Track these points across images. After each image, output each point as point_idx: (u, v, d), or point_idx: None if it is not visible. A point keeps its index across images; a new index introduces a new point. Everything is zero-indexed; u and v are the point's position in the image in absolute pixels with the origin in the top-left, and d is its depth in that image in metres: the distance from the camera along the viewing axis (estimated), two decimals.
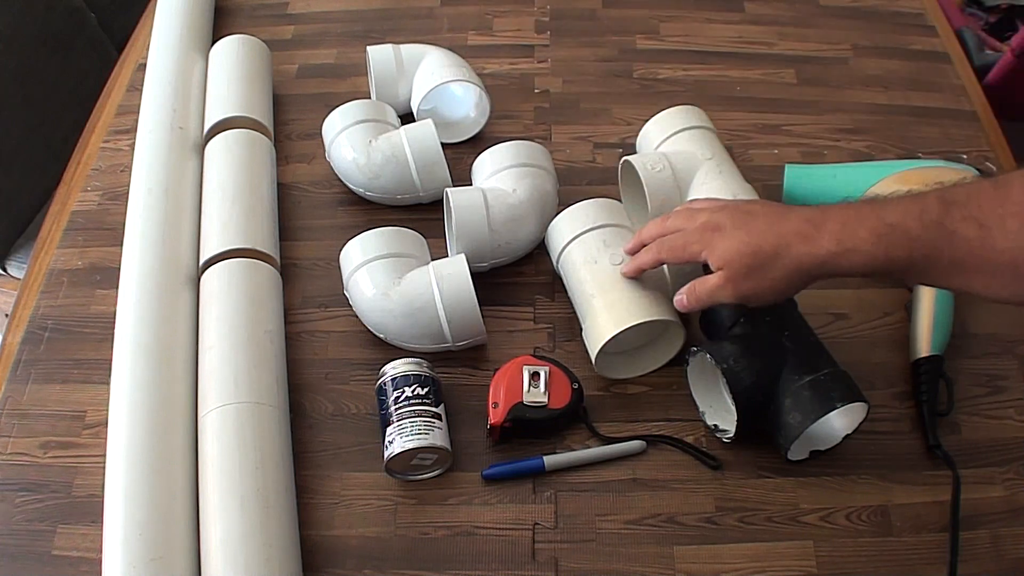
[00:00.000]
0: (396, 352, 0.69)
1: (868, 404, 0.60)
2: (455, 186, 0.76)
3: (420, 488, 0.63)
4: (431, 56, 0.85)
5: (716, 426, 0.65)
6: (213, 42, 0.91)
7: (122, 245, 0.73)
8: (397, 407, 0.62)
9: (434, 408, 0.63)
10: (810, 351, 0.62)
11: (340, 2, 1.02)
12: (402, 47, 0.86)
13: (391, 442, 0.61)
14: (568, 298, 0.71)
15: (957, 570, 0.58)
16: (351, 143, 0.77)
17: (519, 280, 0.75)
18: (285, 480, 0.60)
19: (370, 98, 0.86)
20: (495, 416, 0.63)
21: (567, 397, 0.64)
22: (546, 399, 0.64)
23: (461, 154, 0.83)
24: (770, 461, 0.63)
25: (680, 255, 0.60)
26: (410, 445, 0.60)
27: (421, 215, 0.78)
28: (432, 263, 0.68)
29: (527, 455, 0.64)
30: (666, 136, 0.76)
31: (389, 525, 0.62)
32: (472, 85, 0.83)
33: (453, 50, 0.87)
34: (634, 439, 0.65)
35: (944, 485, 0.62)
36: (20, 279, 1.01)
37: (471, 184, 0.77)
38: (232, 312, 0.66)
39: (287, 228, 0.79)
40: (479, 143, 0.83)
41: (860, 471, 0.63)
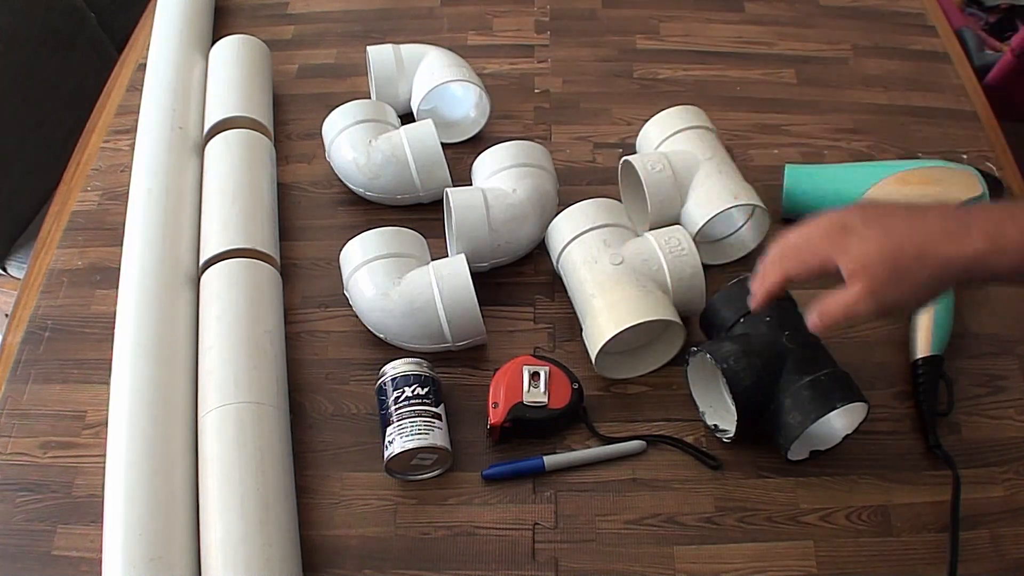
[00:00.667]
0: (396, 352, 0.69)
1: (868, 404, 0.60)
2: (455, 186, 0.76)
3: (420, 488, 0.63)
4: (431, 56, 0.85)
5: (716, 426, 0.65)
6: (213, 42, 0.91)
7: (122, 245, 0.73)
8: (397, 407, 0.62)
9: (434, 408, 0.63)
10: (810, 351, 0.62)
11: (340, 2, 1.02)
12: (402, 47, 0.86)
13: (391, 442, 0.61)
14: (568, 298, 0.71)
15: (957, 570, 0.58)
16: (351, 143, 0.77)
17: (519, 280, 0.75)
18: (285, 480, 0.60)
19: (370, 98, 0.86)
20: (495, 416, 0.63)
21: (567, 397, 0.64)
22: (546, 399, 0.64)
23: (461, 154, 0.83)
24: (770, 461, 0.63)
25: (806, 262, 0.52)
26: (410, 445, 0.60)
27: (421, 215, 0.78)
28: (432, 263, 0.68)
29: (527, 455, 0.64)
30: (666, 136, 0.76)
31: (389, 525, 0.62)
32: (472, 85, 0.83)
33: (453, 50, 0.87)
34: (634, 439, 0.65)
35: (944, 485, 0.62)
36: (20, 279, 1.01)
37: (471, 184, 0.77)
38: (232, 312, 0.66)
39: (287, 228, 0.79)
40: (479, 143, 0.83)
41: (860, 471, 0.63)
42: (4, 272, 1.18)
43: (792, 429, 0.59)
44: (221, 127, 0.81)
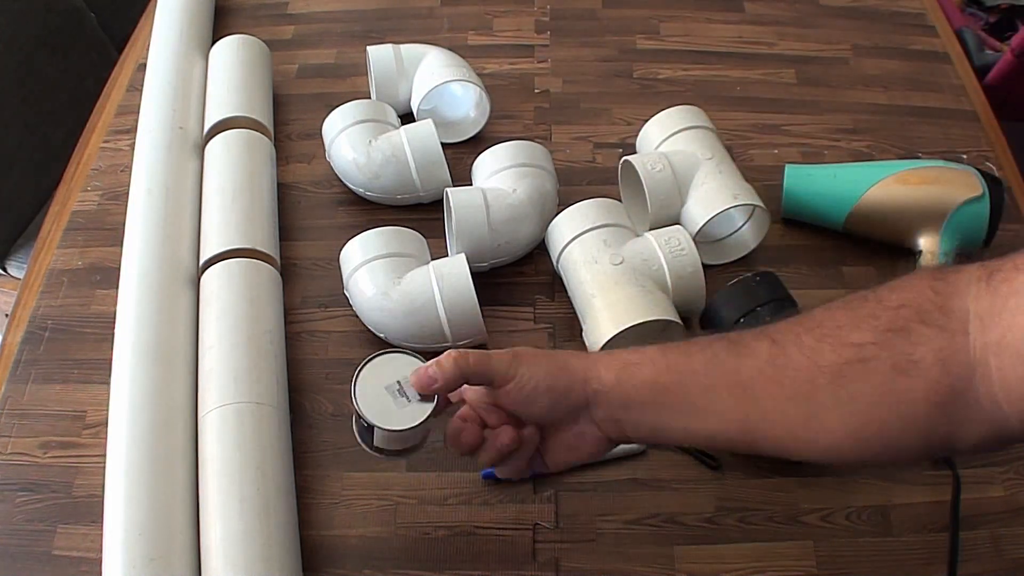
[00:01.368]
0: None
1: None
2: (455, 186, 0.76)
3: (420, 488, 0.63)
4: (431, 56, 0.85)
5: None
6: (213, 42, 0.91)
7: (122, 245, 0.73)
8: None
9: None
10: None
11: (340, 2, 1.02)
12: (402, 47, 0.86)
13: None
14: (568, 298, 0.71)
15: (957, 570, 0.58)
16: (351, 143, 0.77)
17: (519, 280, 0.75)
18: (285, 480, 0.60)
19: (370, 98, 0.86)
20: None
21: None
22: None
23: (461, 154, 0.83)
24: (770, 461, 0.63)
25: (489, 360, 0.50)
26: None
27: (421, 215, 0.78)
28: (432, 263, 0.68)
29: None
30: (666, 136, 0.76)
31: (389, 525, 0.62)
32: (472, 85, 0.83)
33: (453, 50, 0.87)
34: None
35: (944, 485, 0.62)
36: (20, 279, 1.01)
37: (471, 184, 0.77)
38: (232, 312, 0.66)
39: (287, 228, 0.79)
40: (479, 143, 0.83)
41: (860, 471, 0.63)
42: (4, 272, 1.18)
43: None
44: (221, 127, 0.81)
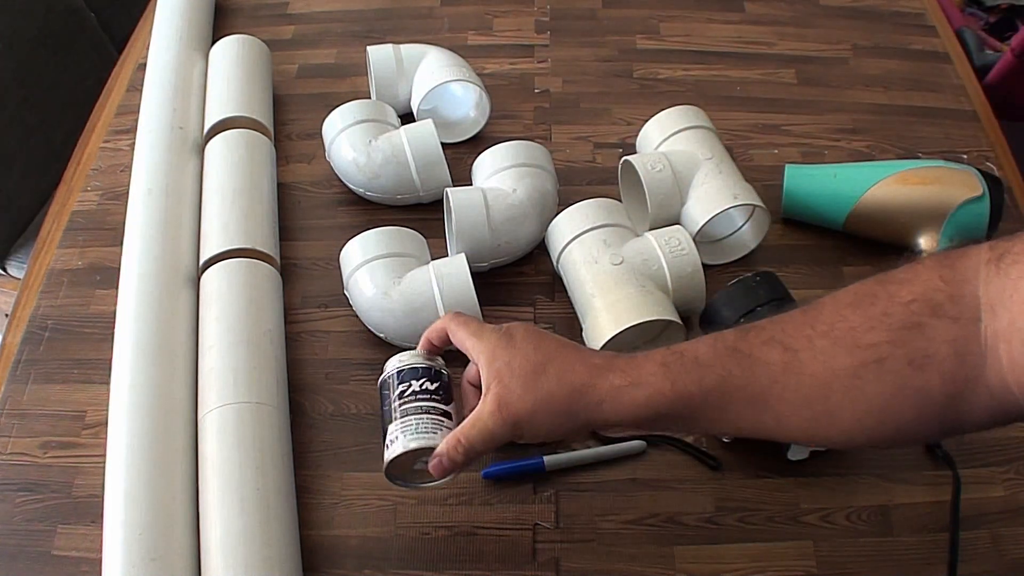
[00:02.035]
0: (396, 352, 0.69)
1: None
2: (455, 186, 0.76)
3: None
4: (431, 56, 0.85)
5: None
6: (213, 42, 0.91)
7: (122, 245, 0.73)
8: (402, 402, 0.54)
9: (444, 406, 0.54)
10: None
11: (340, 2, 1.02)
12: (402, 47, 0.86)
13: (393, 441, 0.53)
14: (568, 298, 0.71)
15: (957, 570, 0.58)
16: (351, 143, 0.77)
17: (519, 280, 0.75)
18: (285, 480, 0.60)
19: (370, 98, 0.86)
20: None
21: None
22: None
23: (461, 154, 0.83)
24: (770, 461, 0.63)
25: (475, 341, 0.52)
26: (413, 445, 0.52)
27: (421, 215, 0.78)
28: (432, 263, 0.68)
29: (527, 455, 0.64)
30: (666, 136, 0.76)
31: (389, 525, 0.62)
32: (472, 85, 0.83)
33: (453, 50, 0.87)
34: (634, 439, 0.65)
35: (944, 485, 0.62)
36: (20, 279, 1.01)
37: (471, 184, 0.77)
38: (232, 312, 0.66)
39: (287, 228, 0.79)
40: (479, 143, 0.83)
41: (860, 471, 0.63)
42: (4, 272, 1.18)
43: None
44: (221, 127, 0.81)
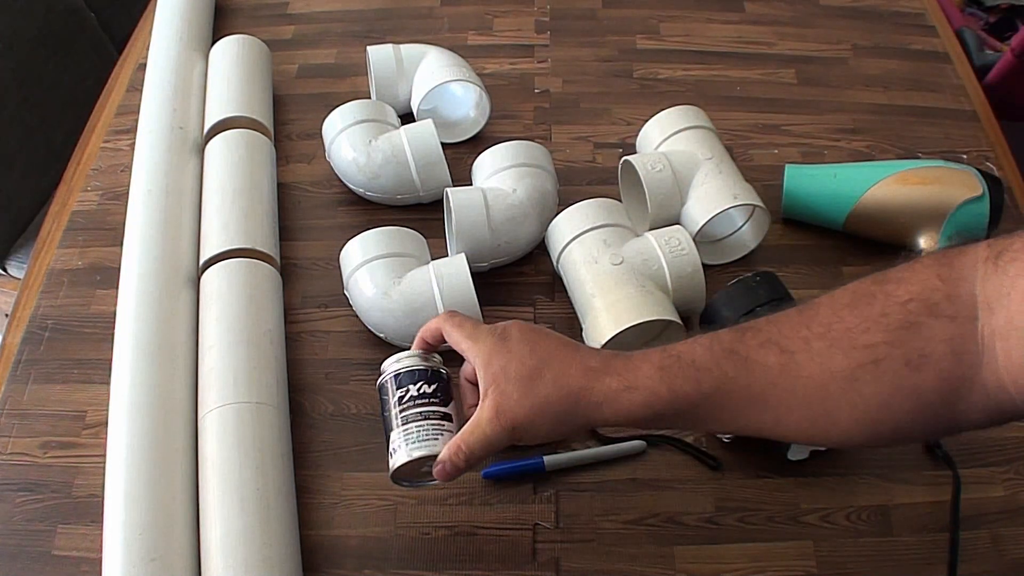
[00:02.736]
0: (396, 352, 0.69)
1: None
2: (455, 186, 0.76)
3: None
4: (431, 56, 0.85)
5: None
6: (213, 42, 0.91)
7: (122, 245, 0.73)
8: (401, 408, 0.54)
9: (443, 408, 0.55)
10: None
11: (340, 2, 1.02)
12: (402, 47, 0.86)
13: (395, 450, 0.54)
14: (568, 298, 0.71)
15: (957, 570, 0.58)
16: (351, 143, 0.77)
17: (519, 280, 0.75)
18: (285, 480, 0.60)
19: (370, 98, 0.86)
20: None
21: None
22: None
23: (461, 154, 0.83)
24: (770, 461, 0.63)
25: (470, 340, 0.52)
26: (417, 454, 0.53)
27: (421, 215, 0.78)
28: (432, 263, 0.68)
29: (527, 455, 0.64)
30: (666, 136, 0.76)
31: (389, 525, 0.62)
32: (472, 85, 0.83)
33: (453, 50, 0.87)
34: (634, 439, 0.65)
35: (944, 485, 0.62)
36: (20, 279, 1.01)
37: (471, 184, 0.77)
38: (232, 312, 0.66)
39: (287, 228, 0.79)
40: (479, 143, 0.83)
41: (860, 471, 0.63)
42: (4, 272, 1.18)
43: None
44: (221, 127, 0.81)
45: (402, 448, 0.54)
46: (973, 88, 0.91)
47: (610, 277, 0.66)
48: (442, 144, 0.77)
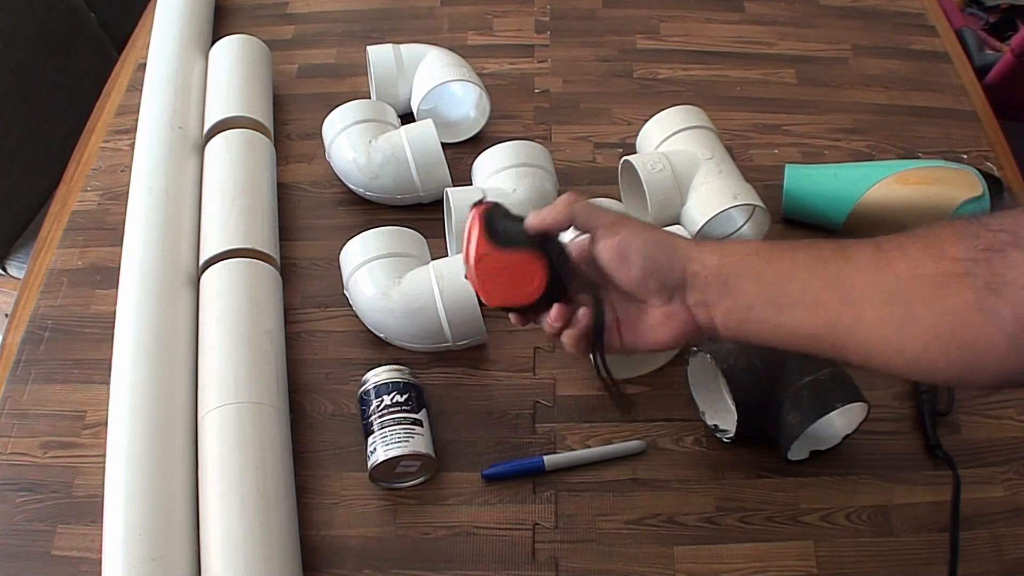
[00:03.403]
0: (396, 352, 0.69)
1: (868, 404, 0.60)
2: (455, 186, 0.76)
3: (420, 488, 0.63)
4: (431, 56, 0.85)
5: (716, 426, 0.65)
6: (213, 42, 0.91)
7: (122, 245, 0.73)
8: (379, 416, 0.62)
9: (414, 415, 0.63)
10: None
11: (340, 2, 1.02)
12: (402, 47, 0.86)
13: (373, 451, 0.61)
14: None
15: (957, 570, 0.58)
16: (351, 143, 0.77)
17: None
18: (285, 480, 0.60)
19: (370, 98, 0.86)
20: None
21: None
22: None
23: (461, 154, 0.83)
24: (770, 461, 0.63)
25: (596, 212, 0.52)
26: (392, 453, 0.60)
27: (421, 215, 0.78)
28: (432, 262, 0.68)
29: (527, 455, 0.64)
30: (666, 136, 0.76)
31: (389, 525, 0.62)
32: (472, 85, 0.83)
33: (453, 50, 0.87)
34: (633, 440, 0.65)
35: (944, 485, 0.62)
36: (20, 279, 1.01)
37: (471, 184, 0.77)
38: (232, 312, 0.66)
39: (287, 228, 0.79)
40: (479, 143, 0.83)
41: (860, 471, 0.63)
42: (4, 272, 1.18)
43: (792, 429, 0.59)
44: (221, 127, 0.81)
45: (379, 450, 0.61)
46: (973, 88, 0.91)
47: None
48: (442, 144, 0.77)
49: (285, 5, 1.02)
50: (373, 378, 0.64)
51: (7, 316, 0.75)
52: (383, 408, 0.62)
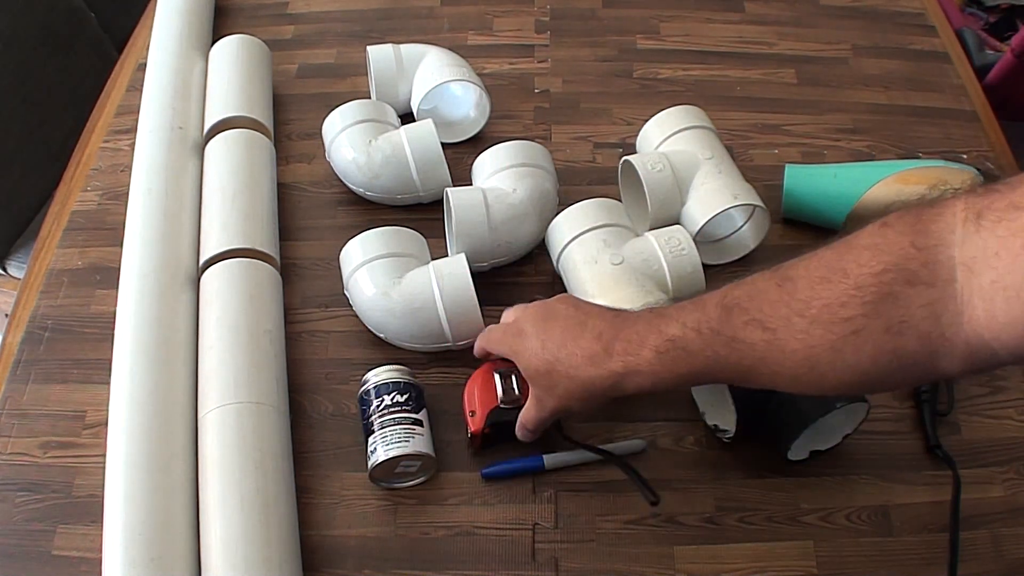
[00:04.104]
0: (396, 352, 0.69)
1: (868, 404, 0.60)
2: (455, 186, 0.76)
3: (420, 488, 0.63)
4: (431, 56, 0.85)
5: (716, 426, 0.65)
6: (213, 42, 0.91)
7: (122, 245, 0.73)
8: (379, 416, 0.62)
9: (414, 415, 0.63)
10: None
11: (340, 2, 1.02)
12: (402, 47, 0.86)
13: (373, 451, 0.61)
14: None
15: (957, 570, 0.58)
16: (351, 143, 0.77)
17: (519, 280, 0.75)
18: (285, 480, 0.60)
19: (370, 98, 0.86)
20: (475, 424, 0.62)
21: None
22: (522, 399, 0.61)
23: (461, 154, 0.83)
24: (770, 461, 0.63)
25: (497, 349, 0.60)
26: (393, 453, 0.60)
27: (421, 215, 0.78)
28: (432, 263, 0.68)
29: (527, 455, 0.64)
30: (666, 136, 0.76)
31: (389, 525, 0.62)
32: (472, 85, 0.83)
33: (453, 50, 0.87)
34: (635, 439, 0.65)
35: (944, 485, 0.62)
36: (20, 279, 1.01)
37: (471, 184, 0.77)
38: (232, 312, 0.66)
39: (287, 228, 0.79)
40: (479, 143, 0.83)
41: (860, 471, 0.63)
42: (4, 272, 1.18)
43: (792, 429, 0.59)
44: (221, 127, 0.81)
45: (379, 449, 0.61)
46: (973, 88, 0.91)
47: (610, 277, 0.66)
48: (442, 144, 0.77)
49: (285, 5, 1.02)
50: (373, 378, 0.64)
51: (7, 316, 0.75)
52: (383, 408, 0.62)
